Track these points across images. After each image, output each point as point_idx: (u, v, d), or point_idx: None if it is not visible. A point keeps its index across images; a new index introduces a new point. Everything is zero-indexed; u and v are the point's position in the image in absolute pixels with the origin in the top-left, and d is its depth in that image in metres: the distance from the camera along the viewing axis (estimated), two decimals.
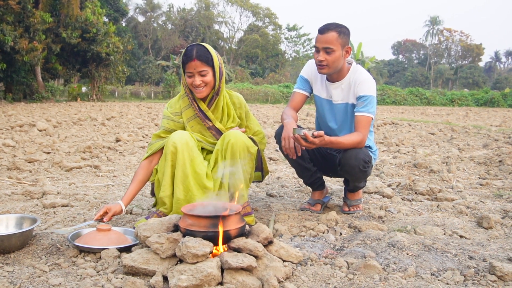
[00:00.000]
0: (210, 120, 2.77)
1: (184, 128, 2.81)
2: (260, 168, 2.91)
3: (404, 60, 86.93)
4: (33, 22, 20.19)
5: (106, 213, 2.52)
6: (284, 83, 43.34)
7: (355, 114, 2.84)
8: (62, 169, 4.73)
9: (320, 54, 2.79)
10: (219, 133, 2.77)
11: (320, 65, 2.83)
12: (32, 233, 2.32)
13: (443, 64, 76.46)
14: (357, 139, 2.74)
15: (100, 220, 2.51)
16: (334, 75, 2.93)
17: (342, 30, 2.76)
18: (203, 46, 2.69)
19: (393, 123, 12.14)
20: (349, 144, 2.74)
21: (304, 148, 2.78)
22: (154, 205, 2.87)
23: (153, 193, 2.82)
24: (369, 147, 3.05)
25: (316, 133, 2.52)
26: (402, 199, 3.57)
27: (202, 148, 2.78)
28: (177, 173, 2.54)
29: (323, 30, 2.77)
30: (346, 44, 2.80)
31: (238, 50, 59.65)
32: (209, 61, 2.65)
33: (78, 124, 9.92)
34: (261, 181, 3.06)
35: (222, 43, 62.11)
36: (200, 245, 1.80)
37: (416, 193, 3.75)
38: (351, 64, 2.97)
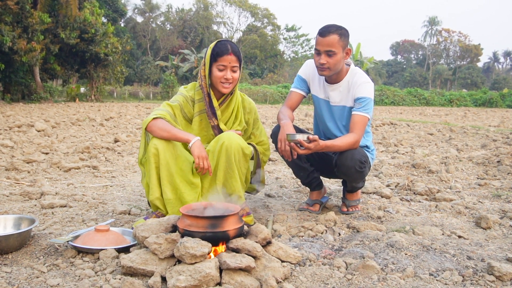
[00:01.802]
0: (216, 119, 2.76)
1: (192, 117, 2.77)
2: (257, 179, 2.90)
3: (403, 60, 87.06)
4: (32, 23, 20.14)
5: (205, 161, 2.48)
6: (283, 84, 43.35)
7: (352, 113, 2.84)
8: (60, 169, 4.73)
9: (322, 57, 2.78)
10: (220, 133, 2.76)
11: (321, 68, 2.82)
12: (30, 233, 2.32)
13: (442, 65, 76.54)
14: (352, 140, 2.75)
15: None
16: (333, 77, 2.93)
17: (342, 32, 2.76)
18: (234, 43, 2.72)
19: (392, 124, 12.14)
20: (344, 146, 2.74)
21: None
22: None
23: None
24: (367, 146, 3.06)
25: (311, 137, 2.53)
26: (401, 200, 3.57)
27: None
28: (162, 174, 2.51)
29: (324, 32, 2.75)
30: (346, 46, 2.80)
31: None
32: (240, 59, 2.69)
33: (76, 125, 9.91)
34: (254, 194, 3.06)
35: None
36: (198, 246, 1.79)
37: (414, 193, 3.76)
38: (349, 65, 2.97)
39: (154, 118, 2.54)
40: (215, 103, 2.74)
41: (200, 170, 2.48)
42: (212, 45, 2.71)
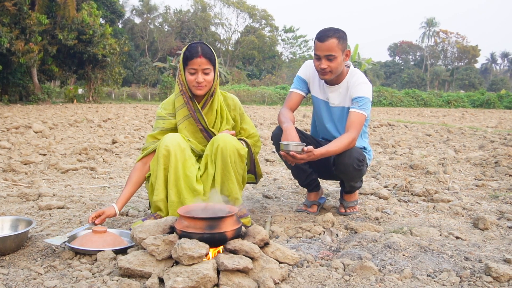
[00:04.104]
0: (201, 122, 2.74)
1: (176, 125, 2.77)
2: (253, 171, 2.89)
3: (401, 61, 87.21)
4: (29, 24, 20.14)
5: (99, 215, 2.48)
6: (281, 85, 43.42)
7: (350, 110, 2.83)
8: (58, 171, 4.72)
9: (322, 61, 2.77)
10: (210, 136, 2.74)
11: (322, 72, 2.82)
12: (27, 235, 2.32)
13: (439, 66, 76.75)
14: (347, 141, 2.71)
15: (93, 223, 2.46)
16: (333, 79, 2.93)
17: (340, 35, 2.75)
18: (206, 44, 2.68)
19: (390, 125, 12.16)
20: (341, 149, 2.70)
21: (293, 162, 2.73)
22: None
23: None
24: (364, 148, 3.06)
25: (305, 148, 2.52)
26: (399, 201, 3.58)
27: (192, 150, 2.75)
28: (170, 176, 2.50)
29: (322, 37, 2.74)
30: (345, 48, 2.80)
31: (235, 52, 59.70)
32: (212, 60, 2.64)
33: (74, 126, 9.90)
34: (255, 183, 3.05)
35: (219, 45, 62.11)
36: (196, 247, 1.79)
37: (412, 194, 3.76)
38: (349, 67, 2.97)
39: (140, 159, 2.73)
40: (198, 105, 2.72)
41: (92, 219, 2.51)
42: (184, 48, 2.69)
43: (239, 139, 2.73)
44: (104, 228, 2.30)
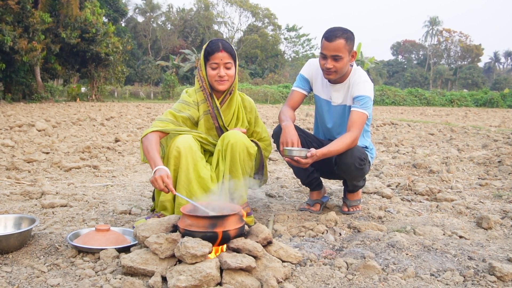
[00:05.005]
0: (218, 120, 2.74)
1: (198, 119, 2.75)
2: (260, 174, 2.89)
3: (404, 60, 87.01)
4: (33, 22, 20.18)
5: (166, 186, 2.26)
6: (284, 84, 43.35)
7: (351, 109, 2.83)
8: (61, 169, 4.73)
9: (328, 61, 2.76)
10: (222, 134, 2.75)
11: (327, 72, 2.81)
12: (30, 233, 2.32)
13: (443, 65, 76.53)
14: (349, 140, 2.70)
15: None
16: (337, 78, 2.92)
17: (348, 36, 2.74)
18: (226, 41, 2.70)
19: (393, 124, 12.14)
20: (343, 149, 2.70)
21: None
22: (152, 210, 2.83)
23: (154, 198, 2.79)
24: (366, 147, 3.05)
25: (309, 154, 2.52)
26: (402, 200, 3.57)
27: (205, 150, 2.76)
28: (180, 178, 2.49)
29: (330, 37, 2.73)
30: (352, 49, 2.79)
31: (238, 51, 59.59)
32: (233, 55, 2.66)
33: (77, 124, 9.91)
34: (255, 189, 3.05)
35: None
36: (199, 246, 1.79)
37: (415, 193, 3.75)
38: (352, 65, 2.96)
39: (151, 131, 2.53)
40: (216, 102, 2.73)
41: (161, 190, 2.31)
42: (204, 45, 2.71)
43: (250, 140, 2.73)
44: (107, 226, 2.30)
